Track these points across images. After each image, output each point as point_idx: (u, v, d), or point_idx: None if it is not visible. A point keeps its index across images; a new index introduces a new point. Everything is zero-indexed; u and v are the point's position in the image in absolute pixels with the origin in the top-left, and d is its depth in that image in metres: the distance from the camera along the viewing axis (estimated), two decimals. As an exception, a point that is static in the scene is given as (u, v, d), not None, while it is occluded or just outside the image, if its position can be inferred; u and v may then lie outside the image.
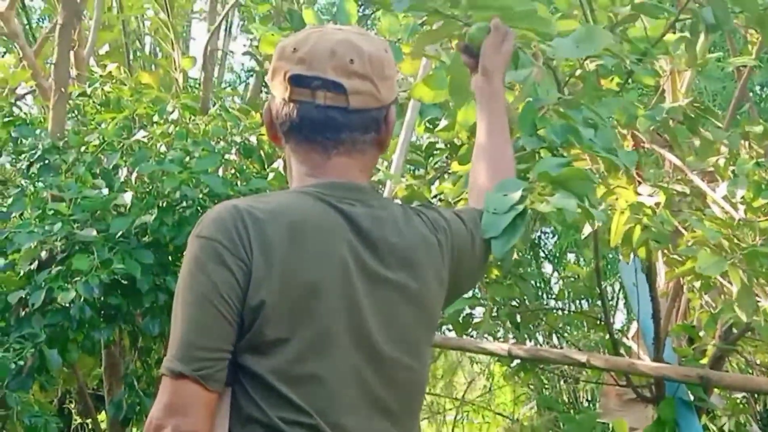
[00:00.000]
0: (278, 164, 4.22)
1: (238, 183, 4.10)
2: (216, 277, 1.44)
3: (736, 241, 2.74)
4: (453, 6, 2.05)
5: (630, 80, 2.83)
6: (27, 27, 7.49)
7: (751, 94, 5.57)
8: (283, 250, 1.46)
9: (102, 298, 3.73)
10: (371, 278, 1.54)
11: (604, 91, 2.73)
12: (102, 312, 3.90)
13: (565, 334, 5.73)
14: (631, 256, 3.21)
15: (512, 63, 2.25)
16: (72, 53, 4.67)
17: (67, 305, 3.58)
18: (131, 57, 5.94)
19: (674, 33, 2.85)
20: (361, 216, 1.57)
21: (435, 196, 3.43)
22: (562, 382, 6.78)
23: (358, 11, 2.58)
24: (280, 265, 1.45)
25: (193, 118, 4.40)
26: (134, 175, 4.01)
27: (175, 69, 5.50)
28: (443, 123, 2.71)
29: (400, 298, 1.57)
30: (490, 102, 2.01)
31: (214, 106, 4.87)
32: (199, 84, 5.70)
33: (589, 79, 2.69)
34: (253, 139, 4.32)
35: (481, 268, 1.82)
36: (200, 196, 3.81)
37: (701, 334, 3.88)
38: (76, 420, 6.32)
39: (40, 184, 3.86)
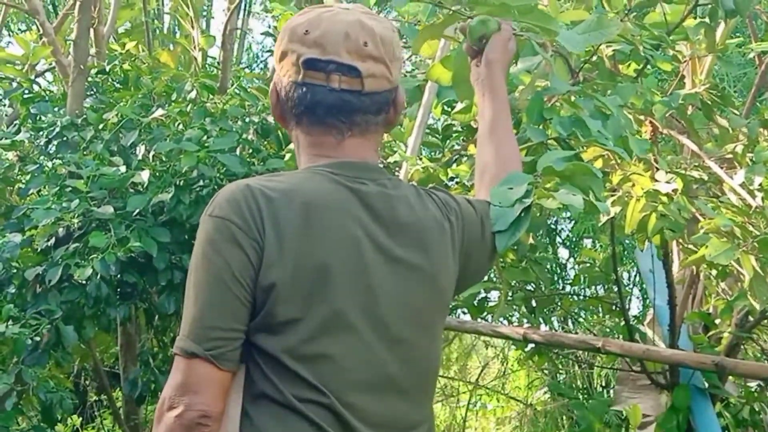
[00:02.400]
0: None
1: (255, 162, 4.10)
2: (229, 256, 1.44)
3: (750, 228, 2.73)
4: (455, 2, 2.05)
5: (649, 66, 2.81)
6: (48, 3, 7.50)
7: (772, 81, 5.51)
8: (295, 230, 1.46)
9: (118, 276, 3.75)
10: (384, 257, 1.53)
11: (621, 77, 2.71)
12: (118, 289, 3.93)
13: (580, 320, 5.72)
14: (648, 242, 3.20)
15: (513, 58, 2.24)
16: (92, 31, 4.67)
17: (84, 282, 3.61)
18: (151, 35, 5.93)
19: (695, 18, 2.82)
20: (373, 195, 1.56)
21: (451, 179, 3.42)
22: (576, 368, 6.77)
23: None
24: (293, 246, 1.45)
25: (211, 97, 4.40)
26: (152, 153, 4.02)
27: (195, 48, 5.50)
28: (460, 105, 2.69)
29: (414, 278, 1.57)
30: (492, 92, 1.98)
31: (232, 85, 4.87)
32: (218, 63, 5.70)
33: (603, 65, 2.67)
34: (271, 119, 4.31)
35: (490, 257, 1.80)
36: (217, 175, 3.81)
37: (717, 321, 3.87)
38: (91, 397, 6.39)
39: (58, 161, 3.87)
